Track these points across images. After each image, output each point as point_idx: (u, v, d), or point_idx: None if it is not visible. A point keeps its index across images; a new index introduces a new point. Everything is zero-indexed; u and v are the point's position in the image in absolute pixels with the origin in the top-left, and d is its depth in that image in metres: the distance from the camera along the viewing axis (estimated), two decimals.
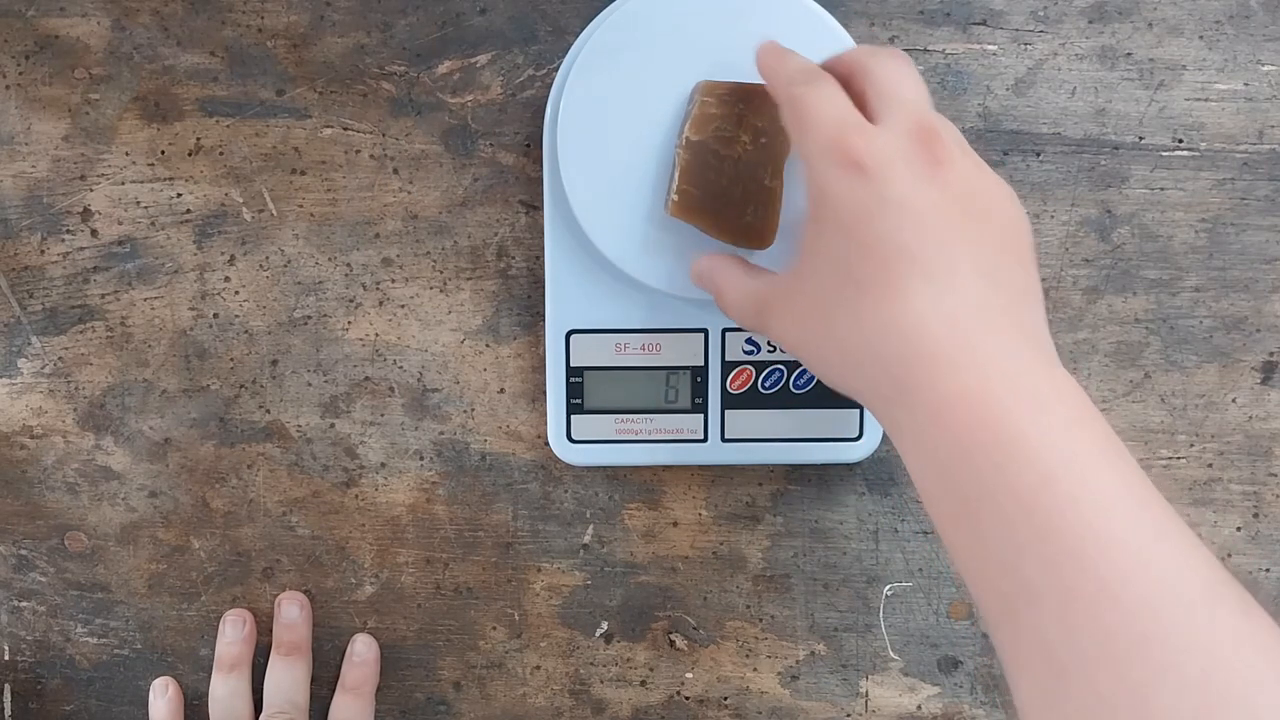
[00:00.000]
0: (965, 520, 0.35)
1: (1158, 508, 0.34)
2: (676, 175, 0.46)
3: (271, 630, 0.53)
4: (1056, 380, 0.36)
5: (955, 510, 0.36)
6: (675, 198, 0.46)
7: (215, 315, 0.53)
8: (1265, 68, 0.52)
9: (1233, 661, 0.31)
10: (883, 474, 0.53)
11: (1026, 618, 0.34)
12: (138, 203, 0.52)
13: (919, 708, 0.54)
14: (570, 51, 0.49)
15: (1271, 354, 0.53)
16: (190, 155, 0.52)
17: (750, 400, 0.51)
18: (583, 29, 0.49)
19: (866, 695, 0.54)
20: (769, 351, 0.50)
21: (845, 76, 0.41)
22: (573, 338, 0.50)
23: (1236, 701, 0.31)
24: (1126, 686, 0.32)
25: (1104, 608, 0.32)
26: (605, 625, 0.54)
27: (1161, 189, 0.52)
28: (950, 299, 0.36)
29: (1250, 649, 0.32)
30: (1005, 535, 0.34)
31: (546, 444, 0.53)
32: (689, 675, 0.54)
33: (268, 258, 0.53)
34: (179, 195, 0.52)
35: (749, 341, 0.50)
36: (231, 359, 0.53)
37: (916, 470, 0.37)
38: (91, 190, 0.52)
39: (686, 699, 0.54)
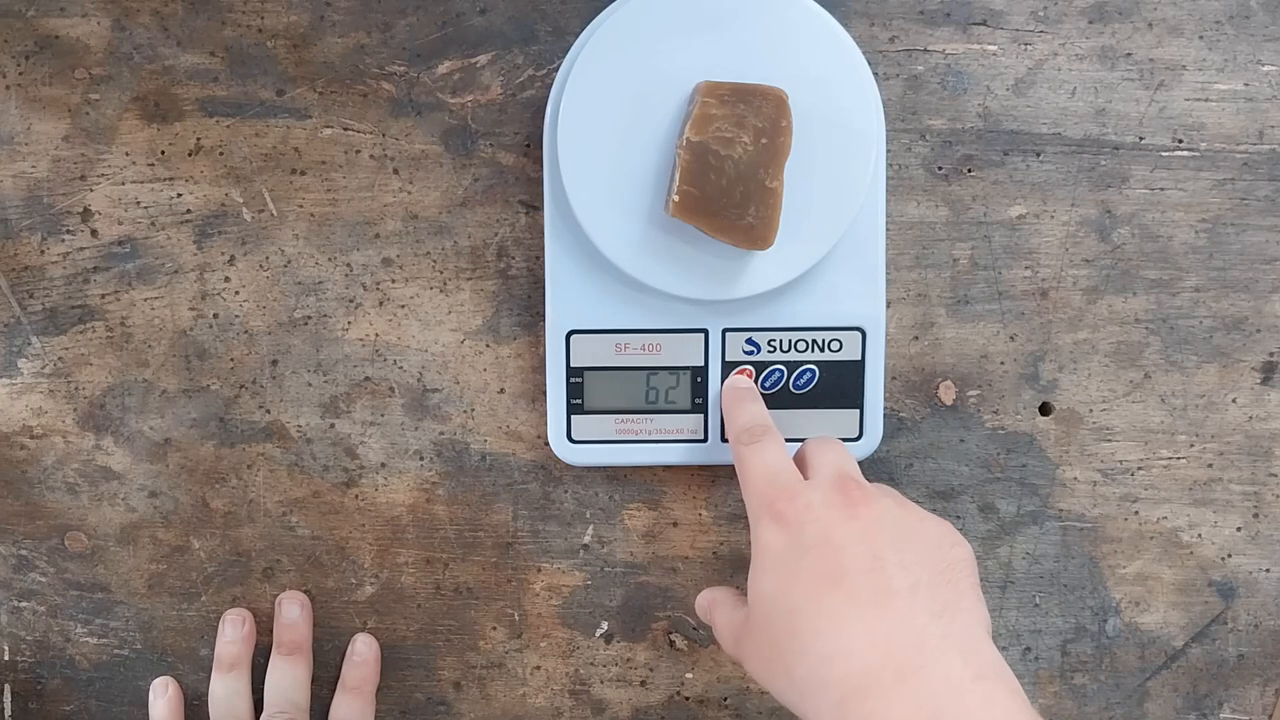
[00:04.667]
0: None
1: None
2: (677, 176, 0.46)
3: (272, 630, 0.53)
4: (986, 697, 0.37)
5: None
6: (676, 198, 0.46)
7: (215, 315, 0.53)
8: (1265, 68, 0.52)
9: None
10: (882, 474, 0.53)
11: None
12: (138, 203, 0.52)
13: None
14: (570, 51, 0.49)
15: (1271, 354, 0.53)
16: (190, 155, 0.52)
17: None
18: (583, 29, 0.49)
19: None
20: (769, 351, 0.50)
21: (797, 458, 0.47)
22: (573, 338, 0.50)
23: None
24: None
25: None
26: (605, 625, 0.54)
27: (1161, 189, 0.52)
28: (880, 622, 0.39)
29: None
30: None
31: (546, 444, 0.53)
32: (689, 675, 0.54)
33: (268, 258, 0.53)
34: (179, 195, 0.52)
35: (749, 342, 0.50)
36: (231, 359, 0.53)
37: None
38: (91, 190, 0.52)
39: (686, 699, 0.54)
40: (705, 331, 0.50)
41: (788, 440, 0.51)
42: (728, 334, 0.50)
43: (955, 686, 0.37)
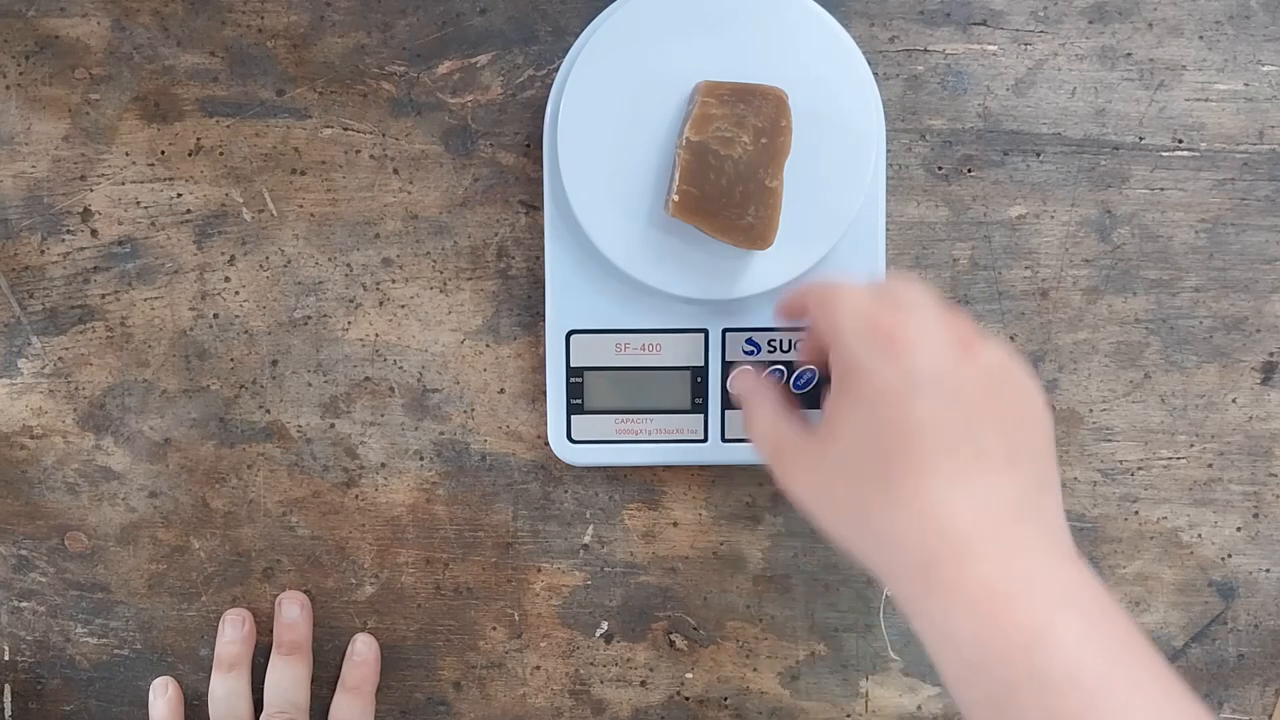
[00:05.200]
0: (988, 710, 0.35)
1: (1181, 700, 0.34)
2: (677, 175, 0.46)
3: (272, 630, 0.53)
4: (1078, 576, 0.36)
5: (977, 698, 0.35)
6: (675, 198, 0.46)
7: (215, 315, 0.53)
8: (1265, 68, 0.52)
9: None
10: None
11: None
12: (138, 203, 0.52)
13: (919, 708, 0.54)
14: (570, 51, 0.49)
15: (1271, 354, 0.53)
16: (190, 155, 0.52)
17: None
18: (583, 29, 0.49)
19: (867, 695, 0.54)
20: (769, 351, 0.50)
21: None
22: (573, 338, 0.50)
23: None
24: None
25: None
26: (605, 625, 0.54)
27: (1161, 189, 0.52)
28: (979, 485, 0.36)
29: None
30: None
31: (546, 444, 0.53)
32: (689, 675, 0.54)
33: (268, 258, 0.53)
34: (179, 195, 0.52)
35: (749, 342, 0.50)
36: (231, 359, 0.53)
37: (937, 654, 0.37)
38: (91, 190, 0.52)
39: (686, 699, 0.54)
40: (705, 331, 0.50)
41: None
42: (728, 334, 0.50)
43: (1046, 565, 0.36)
